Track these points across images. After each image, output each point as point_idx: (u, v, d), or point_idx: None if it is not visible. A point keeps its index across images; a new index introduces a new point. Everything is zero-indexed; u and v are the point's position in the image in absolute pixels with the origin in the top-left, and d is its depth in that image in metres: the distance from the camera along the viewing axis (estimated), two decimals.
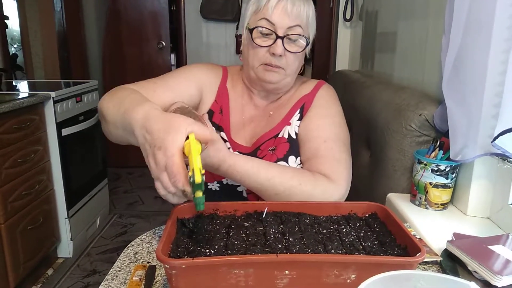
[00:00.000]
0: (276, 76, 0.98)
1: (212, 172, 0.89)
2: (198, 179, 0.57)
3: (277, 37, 0.94)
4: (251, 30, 0.96)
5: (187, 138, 0.64)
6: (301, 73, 1.09)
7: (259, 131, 1.04)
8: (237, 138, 1.04)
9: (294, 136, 1.02)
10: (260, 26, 0.95)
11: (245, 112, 1.07)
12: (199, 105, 1.06)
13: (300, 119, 1.03)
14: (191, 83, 1.02)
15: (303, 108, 1.04)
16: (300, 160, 1.00)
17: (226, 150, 0.84)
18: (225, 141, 1.03)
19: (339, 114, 1.05)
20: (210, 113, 1.06)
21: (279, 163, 0.99)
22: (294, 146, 1.01)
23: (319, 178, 0.92)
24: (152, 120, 0.66)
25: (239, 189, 1.01)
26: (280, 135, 1.02)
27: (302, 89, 1.07)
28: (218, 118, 1.05)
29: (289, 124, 1.03)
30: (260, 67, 0.98)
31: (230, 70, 1.11)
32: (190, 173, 0.58)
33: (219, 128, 1.05)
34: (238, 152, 1.01)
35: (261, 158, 0.97)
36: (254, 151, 1.01)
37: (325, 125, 1.00)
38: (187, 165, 0.62)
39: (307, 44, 0.98)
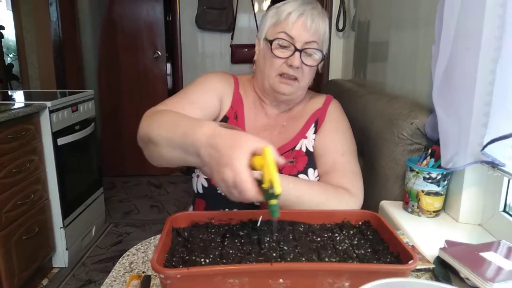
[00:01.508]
0: (290, 89, 1.02)
1: None
2: (279, 190, 0.60)
3: (296, 49, 0.98)
4: (270, 42, 1.00)
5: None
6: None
7: (274, 141, 1.06)
8: None
9: (311, 149, 1.06)
10: (279, 38, 0.99)
11: (258, 120, 1.10)
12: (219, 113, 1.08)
13: (315, 132, 1.07)
14: (212, 94, 1.04)
15: (317, 122, 1.09)
16: (318, 173, 1.04)
17: None
18: None
19: (349, 128, 1.11)
20: (225, 119, 1.08)
21: (299, 175, 1.02)
22: (311, 159, 1.05)
23: (342, 192, 0.97)
24: (218, 137, 0.66)
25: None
26: (297, 148, 1.06)
27: (313, 103, 1.12)
28: (233, 123, 1.07)
29: (306, 137, 1.07)
30: (276, 78, 1.01)
31: (240, 78, 1.14)
32: (266, 185, 0.61)
33: None
34: None
35: (280, 170, 0.99)
36: None
37: (340, 139, 1.06)
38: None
39: (323, 58, 1.02)
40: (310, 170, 1.04)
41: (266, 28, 1.04)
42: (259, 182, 0.63)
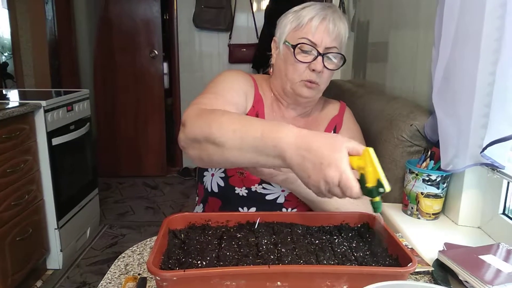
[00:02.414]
0: (312, 92, 1.03)
1: (242, 178, 0.97)
2: (388, 188, 0.64)
3: (318, 54, 0.98)
4: (294, 46, 0.99)
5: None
6: None
7: None
8: None
9: None
10: (302, 43, 0.99)
11: (276, 120, 1.09)
12: None
13: None
14: (240, 93, 1.04)
15: (335, 130, 1.11)
16: None
17: None
18: None
19: (362, 134, 1.14)
20: None
21: None
22: None
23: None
24: (308, 138, 0.67)
25: (268, 197, 1.03)
26: None
27: (329, 109, 1.14)
28: None
29: None
30: (299, 83, 1.01)
31: (257, 79, 1.14)
32: (370, 184, 0.64)
33: None
34: None
35: None
36: None
37: None
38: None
39: (344, 61, 1.03)
40: None
41: (286, 32, 1.03)
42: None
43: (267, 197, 1.03)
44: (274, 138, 0.69)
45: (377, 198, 0.65)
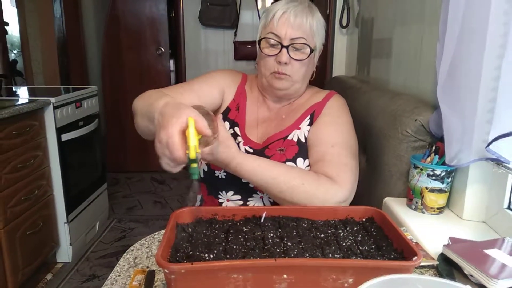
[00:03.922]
0: (284, 83, 1.07)
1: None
2: (193, 155, 0.68)
3: (282, 46, 1.03)
4: (259, 42, 1.08)
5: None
6: (311, 79, 1.16)
7: (270, 131, 1.12)
8: (250, 134, 1.13)
9: (303, 140, 1.09)
10: (267, 38, 1.05)
11: (260, 113, 1.16)
12: (221, 105, 1.17)
13: (310, 124, 1.10)
14: (213, 87, 1.13)
15: (313, 115, 1.11)
16: (309, 163, 1.06)
17: (236, 149, 0.95)
18: (237, 135, 1.12)
19: (348, 123, 1.11)
20: (227, 110, 1.16)
21: (287, 163, 1.05)
22: (302, 149, 1.07)
23: (323, 179, 0.98)
24: (167, 107, 0.76)
25: (244, 180, 1.05)
26: (289, 138, 1.09)
27: (314, 98, 1.15)
28: (234, 114, 1.15)
29: (299, 128, 1.10)
30: (270, 75, 1.07)
31: (249, 76, 1.22)
32: (187, 151, 0.69)
33: (234, 124, 1.14)
34: (249, 147, 1.10)
35: (270, 157, 1.05)
36: (263, 149, 1.08)
37: (333, 131, 1.07)
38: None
39: (311, 52, 1.05)
40: (300, 160, 1.06)
41: (259, 30, 1.10)
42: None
43: (243, 180, 1.04)
44: (154, 106, 0.81)
45: (194, 165, 0.69)
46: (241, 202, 1.09)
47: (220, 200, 1.11)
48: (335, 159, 1.01)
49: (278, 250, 0.70)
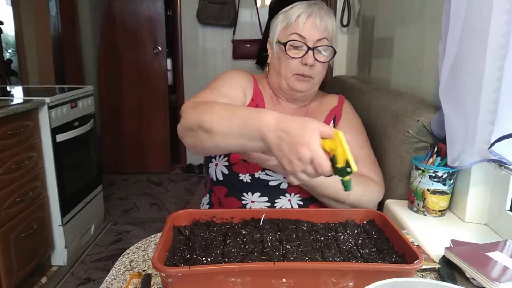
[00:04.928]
0: (307, 85, 1.09)
1: (246, 165, 1.05)
2: (355, 168, 0.67)
3: (308, 48, 1.05)
4: (284, 44, 1.07)
5: None
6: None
7: None
8: None
9: None
10: (292, 40, 1.06)
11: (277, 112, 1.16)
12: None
13: None
14: (237, 89, 1.12)
15: (335, 119, 1.16)
16: None
17: None
18: None
19: (362, 125, 1.20)
20: None
21: None
22: None
23: (367, 180, 1.06)
24: (286, 122, 0.71)
25: (271, 183, 1.08)
26: None
27: (328, 101, 1.20)
28: None
29: None
30: (292, 77, 1.08)
31: (257, 76, 1.22)
32: (340, 164, 0.68)
33: None
34: None
35: None
36: None
37: (358, 134, 1.15)
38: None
39: (334, 54, 1.09)
40: None
41: (277, 32, 1.11)
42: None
43: (270, 183, 1.07)
44: (257, 122, 0.74)
45: (347, 178, 0.69)
46: (268, 204, 1.09)
47: (243, 202, 1.10)
48: (367, 159, 1.10)
49: (277, 254, 0.69)
